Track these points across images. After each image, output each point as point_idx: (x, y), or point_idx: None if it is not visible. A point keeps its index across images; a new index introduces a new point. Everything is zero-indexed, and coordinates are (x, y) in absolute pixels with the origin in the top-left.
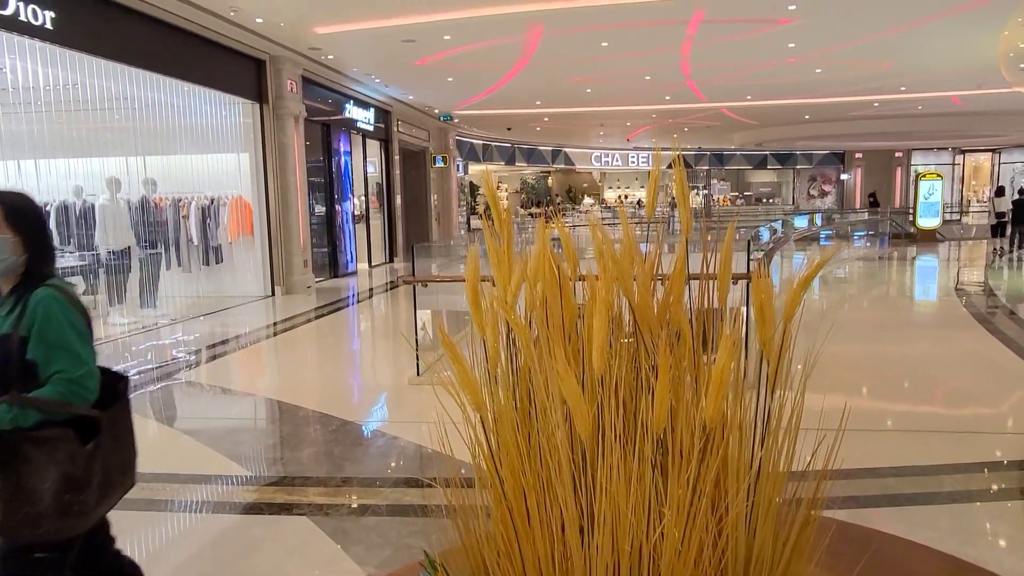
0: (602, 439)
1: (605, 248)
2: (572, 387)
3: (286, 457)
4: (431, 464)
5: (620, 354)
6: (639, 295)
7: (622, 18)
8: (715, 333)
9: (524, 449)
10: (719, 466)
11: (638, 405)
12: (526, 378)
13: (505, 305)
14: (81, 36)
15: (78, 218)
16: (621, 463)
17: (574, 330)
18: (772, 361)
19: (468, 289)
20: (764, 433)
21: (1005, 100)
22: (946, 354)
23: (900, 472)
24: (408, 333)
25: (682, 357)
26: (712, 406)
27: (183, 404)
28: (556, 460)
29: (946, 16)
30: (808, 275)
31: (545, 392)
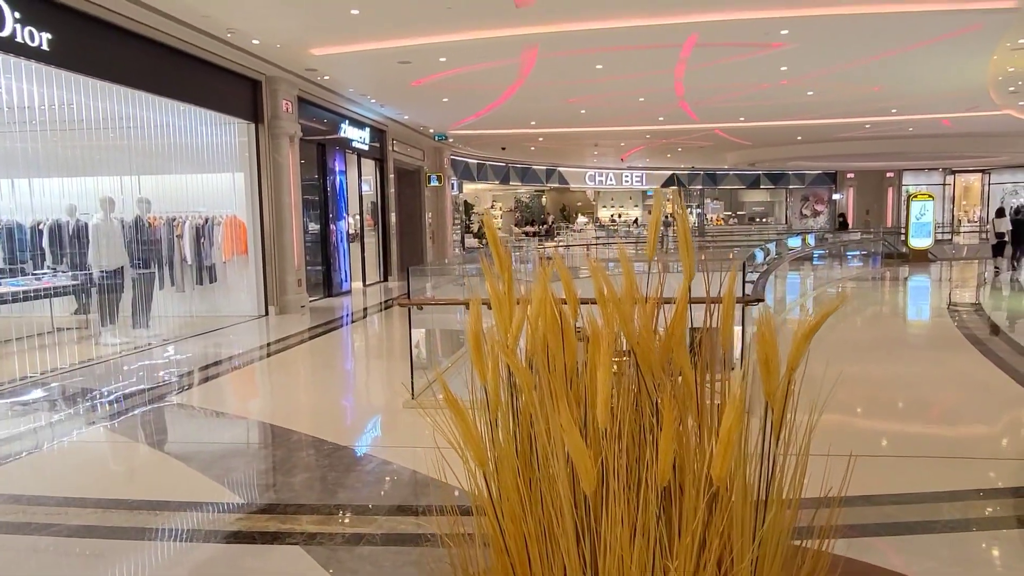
0: (606, 490)
1: (608, 292)
2: (577, 443)
3: (279, 483)
4: (426, 491)
5: (622, 394)
6: (641, 338)
7: (616, 41)
8: (713, 353)
9: (525, 495)
10: (727, 524)
11: (641, 451)
12: (527, 421)
13: (507, 350)
14: (78, 57)
15: (71, 237)
16: (625, 514)
17: (575, 373)
18: (777, 410)
19: (470, 337)
20: (769, 483)
21: (995, 122)
22: (939, 376)
23: (900, 500)
24: (402, 355)
25: (684, 399)
26: (720, 464)
27: (174, 427)
28: (558, 508)
29: (936, 41)
30: (812, 327)
31: (547, 438)
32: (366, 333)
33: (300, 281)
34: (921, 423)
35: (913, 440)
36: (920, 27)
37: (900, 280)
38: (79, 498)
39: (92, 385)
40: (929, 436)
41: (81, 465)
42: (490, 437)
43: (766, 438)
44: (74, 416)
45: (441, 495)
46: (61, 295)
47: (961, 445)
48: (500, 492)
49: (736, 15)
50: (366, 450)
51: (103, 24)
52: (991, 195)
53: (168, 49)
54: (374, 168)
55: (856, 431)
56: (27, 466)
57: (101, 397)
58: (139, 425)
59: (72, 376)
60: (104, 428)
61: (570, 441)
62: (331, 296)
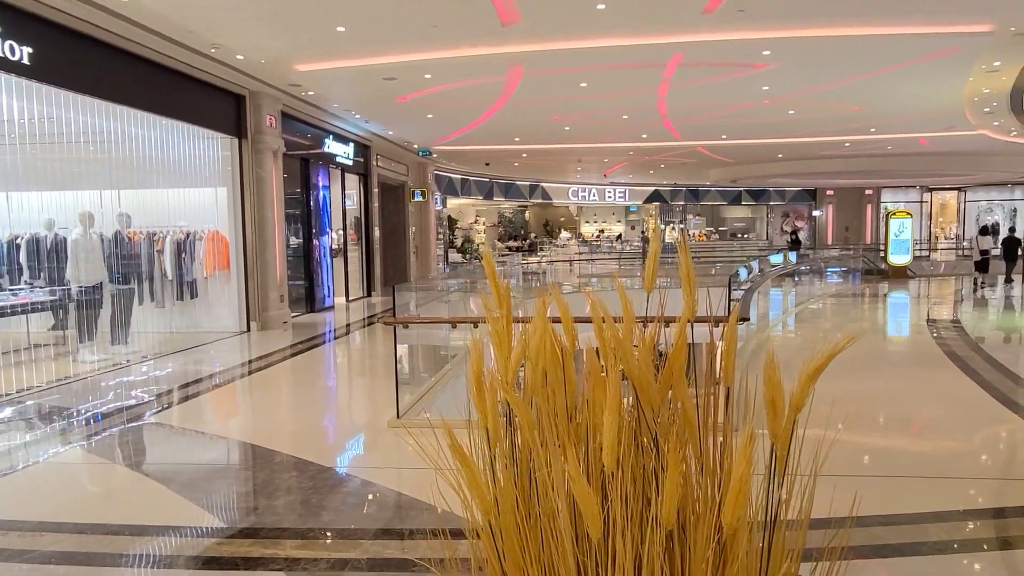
0: (610, 531)
1: (607, 329)
2: (584, 492)
3: (261, 506)
4: (413, 514)
5: (623, 429)
6: (641, 372)
7: (601, 60)
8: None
9: (526, 532)
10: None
11: (645, 489)
12: (526, 456)
13: (508, 388)
14: (59, 72)
15: (49, 252)
16: (630, 555)
17: (574, 408)
18: (781, 449)
19: (471, 377)
20: (774, 522)
21: (971, 141)
22: (921, 392)
23: (887, 521)
24: (386, 372)
25: (685, 436)
26: (731, 512)
27: (153, 448)
28: (559, 545)
29: (915, 63)
30: (817, 368)
31: (548, 477)
32: (349, 350)
33: (282, 297)
34: (904, 441)
35: (897, 459)
36: (899, 49)
37: (880, 297)
38: (55, 522)
39: (69, 404)
40: (913, 455)
41: (57, 487)
42: (490, 473)
43: (771, 479)
44: (50, 436)
45: (429, 519)
46: (38, 311)
47: (946, 464)
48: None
49: (719, 36)
50: (350, 471)
51: (86, 38)
52: (967, 212)
53: (151, 64)
54: (358, 183)
55: (840, 449)
56: (1, 488)
57: (78, 416)
58: (117, 445)
59: (49, 394)
60: (81, 448)
61: (578, 490)
62: (314, 312)
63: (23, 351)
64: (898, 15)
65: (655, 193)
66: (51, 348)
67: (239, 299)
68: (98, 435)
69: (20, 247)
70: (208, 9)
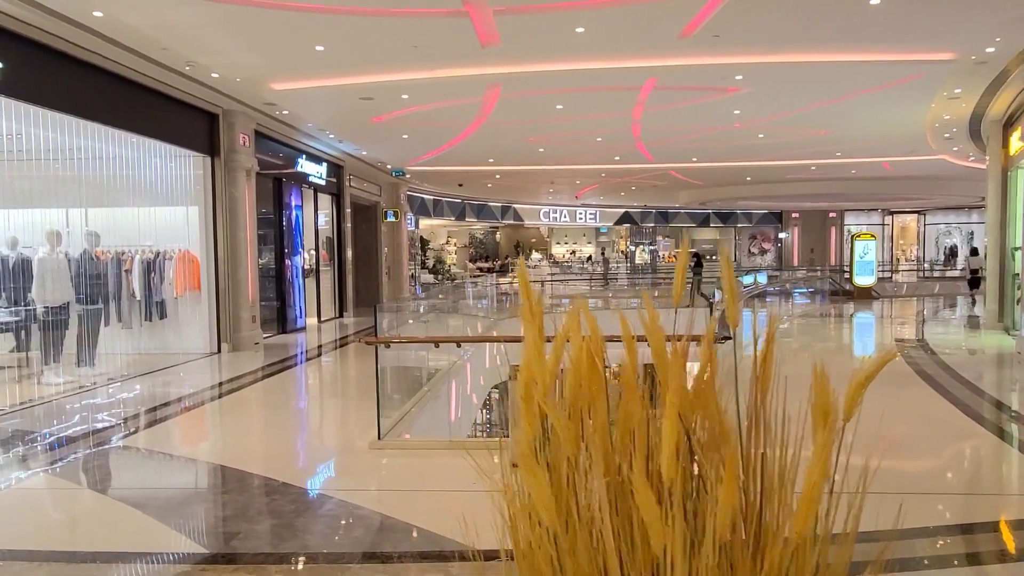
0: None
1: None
2: (650, 504)
3: (244, 531)
4: (398, 536)
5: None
6: (679, 387)
7: (577, 83)
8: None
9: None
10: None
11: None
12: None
13: (551, 404)
14: (29, 87)
15: (13, 271)
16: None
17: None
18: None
19: (520, 390)
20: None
21: (931, 166)
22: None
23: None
24: (363, 393)
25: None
26: (803, 520)
27: (124, 472)
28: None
29: (881, 89)
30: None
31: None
32: (323, 372)
33: (254, 317)
34: (890, 459)
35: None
36: (866, 75)
37: (847, 316)
38: (24, 550)
39: (34, 427)
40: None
41: (24, 514)
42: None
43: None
44: (14, 461)
45: (418, 541)
46: (3, 331)
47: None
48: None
49: (693, 60)
50: (332, 494)
51: (58, 54)
52: (927, 235)
53: (124, 81)
54: (330, 203)
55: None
56: None
57: (43, 440)
58: (86, 470)
59: (12, 418)
60: (48, 474)
61: (643, 503)
62: (285, 332)
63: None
64: (866, 42)
65: (626, 215)
66: (14, 370)
67: (210, 320)
68: (65, 460)
69: None
70: (185, 27)
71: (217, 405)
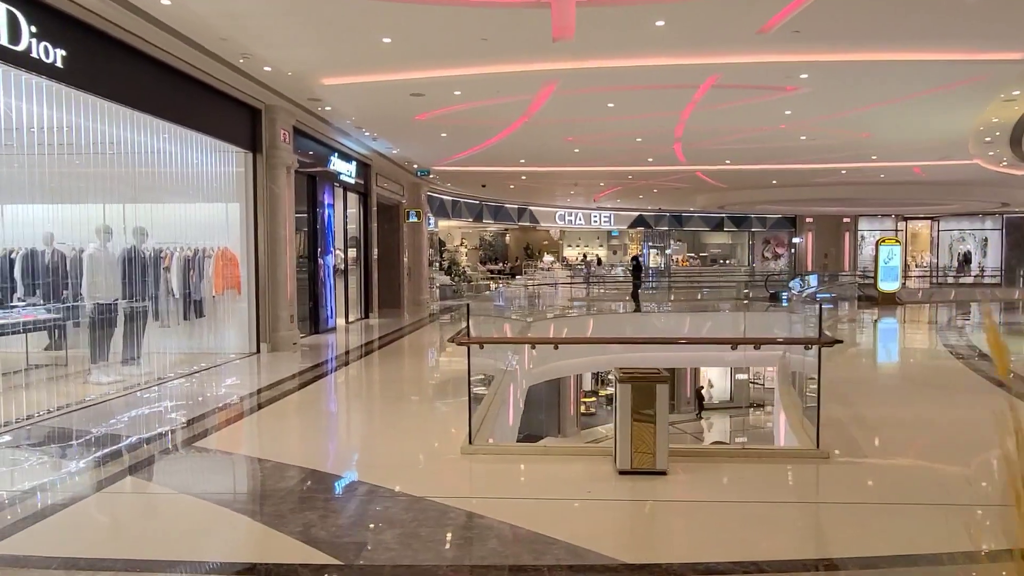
0: None
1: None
2: None
3: (371, 541)
4: (542, 548)
5: None
6: None
7: (637, 80)
8: None
9: None
10: None
11: None
12: None
13: None
14: (89, 76)
15: (47, 268)
16: None
17: None
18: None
19: None
20: None
21: (959, 170)
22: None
23: None
24: (425, 396)
25: None
26: None
27: (218, 476)
28: None
29: (941, 90)
30: None
31: None
32: (376, 373)
33: (292, 317)
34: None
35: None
36: (931, 76)
37: (899, 322)
38: (124, 559)
39: (101, 429)
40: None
41: (118, 520)
42: None
43: None
44: (94, 464)
45: (559, 552)
46: (41, 329)
47: None
48: None
49: (762, 58)
50: (444, 501)
51: (115, 43)
52: (940, 241)
53: (174, 72)
54: (358, 202)
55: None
56: (60, 522)
57: (117, 442)
58: (176, 474)
59: (72, 419)
60: (138, 478)
61: None
62: (318, 333)
63: (23, 372)
64: (944, 39)
65: (639, 218)
66: (51, 369)
67: (249, 319)
68: (149, 464)
69: (14, 262)
70: (251, 16)
71: (281, 407)
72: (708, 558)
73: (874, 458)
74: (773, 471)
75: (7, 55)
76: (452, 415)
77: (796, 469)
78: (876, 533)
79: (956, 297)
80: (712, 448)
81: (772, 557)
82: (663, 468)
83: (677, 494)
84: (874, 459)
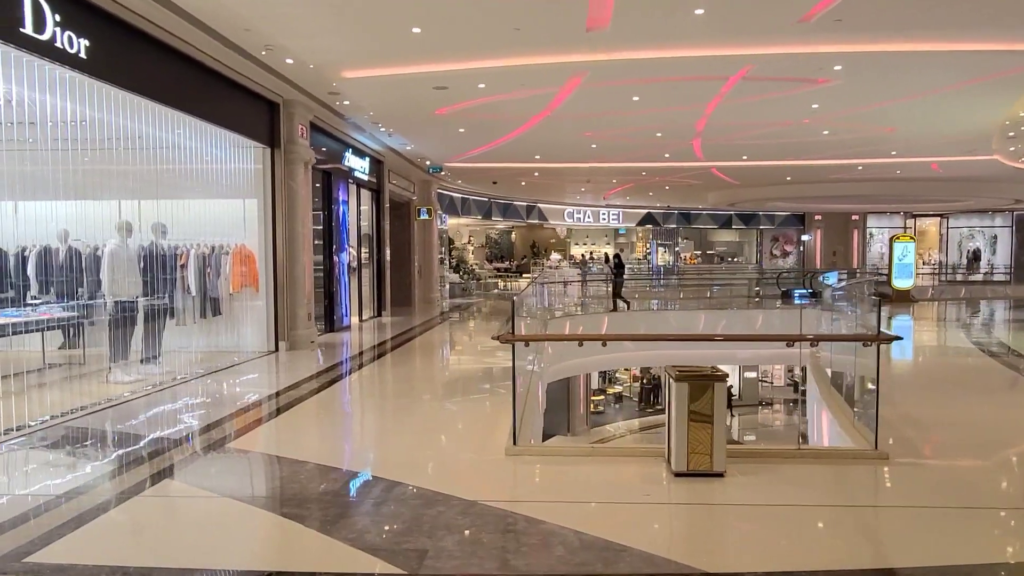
0: None
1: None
2: None
3: (431, 548)
4: (611, 556)
5: None
6: None
7: (667, 72)
8: None
9: None
10: None
11: None
12: None
13: None
14: (111, 67)
15: (61, 265)
16: None
17: None
18: None
19: None
20: None
21: (978, 166)
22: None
23: None
24: (451, 394)
25: None
26: None
27: (261, 480)
28: None
29: (976, 83)
30: None
31: None
32: (401, 372)
33: (310, 315)
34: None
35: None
36: (968, 67)
37: (908, 319)
38: (174, 568)
39: (133, 429)
40: None
41: (171, 526)
42: None
43: None
44: (131, 466)
45: (636, 562)
46: (58, 327)
47: None
48: None
49: (799, 48)
50: (497, 505)
51: (137, 33)
52: (949, 238)
53: (194, 64)
54: (370, 199)
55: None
56: (103, 527)
57: (153, 444)
58: (215, 476)
59: (100, 418)
60: (177, 480)
61: None
62: (333, 331)
63: (37, 372)
64: (990, 28)
65: (648, 216)
66: (68, 368)
67: (267, 317)
68: (190, 465)
69: (28, 259)
70: (284, 3)
71: (311, 407)
72: (787, 566)
73: (935, 459)
74: (833, 473)
75: (32, 44)
76: (485, 415)
77: (856, 471)
78: (952, 540)
79: (966, 295)
80: (768, 449)
81: (853, 566)
82: (721, 470)
83: (740, 497)
84: (935, 460)
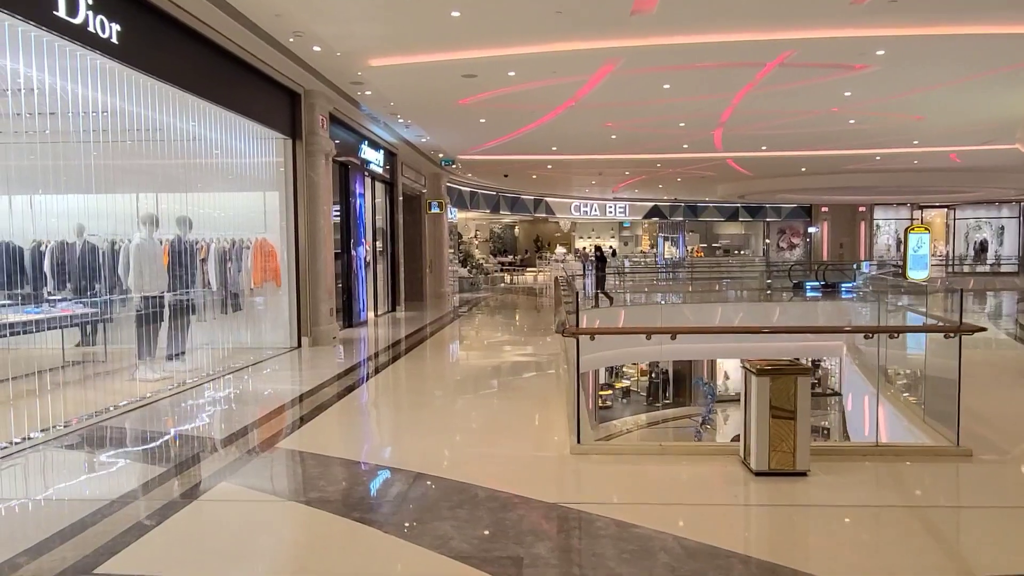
0: None
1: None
2: None
3: (526, 556)
4: (722, 562)
5: None
6: None
7: (704, 58)
8: None
9: None
10: None
11: None
12: None
13: None
14: (140, 54)
15: (78, 260)
16: None
17: None
18: None
19: None
20: None
21: (995, 156)
22: None
23: None
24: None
25: None
26: None
27: (321, 482)
28: None
29: (1014, 68)
30: None
31: None
32: (434, 367)
33: (332, 310)
34: None
35: None
36: (1011, 53)
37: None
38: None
39: (172, 430)
40: None
41: (232, 535)
42: None
43: None
44: (180, 469)
45: (756, 570)
46: (78, 324)
47: None
48: None
49: (843, 32)
50: (583, 507)
51: (167, 19)
52: (956, 230)
53: (219, 51)
54: (384, 192)
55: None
56: (166, 536)
57: (197, 445)
58: (271, 478)
59: (134, 418)
60: (234, 484)
61: None
62: (351, 327)
63: (57, 370)
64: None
65: (654, 208)
66: (88, 366)
67: (290, 312)
68: (242, 466)
69: (43, 254)
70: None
71: (350, 404)
72: (910, 572)
73: (1020, 456)
74: (918, 471)
75: (65, 27)
76: (532, 410)
77: (941, 469)
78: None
79: (975, 286)
80: (847, 445)
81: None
82: (804, 468)
83: (831, 498)
84: (1020, 457)
